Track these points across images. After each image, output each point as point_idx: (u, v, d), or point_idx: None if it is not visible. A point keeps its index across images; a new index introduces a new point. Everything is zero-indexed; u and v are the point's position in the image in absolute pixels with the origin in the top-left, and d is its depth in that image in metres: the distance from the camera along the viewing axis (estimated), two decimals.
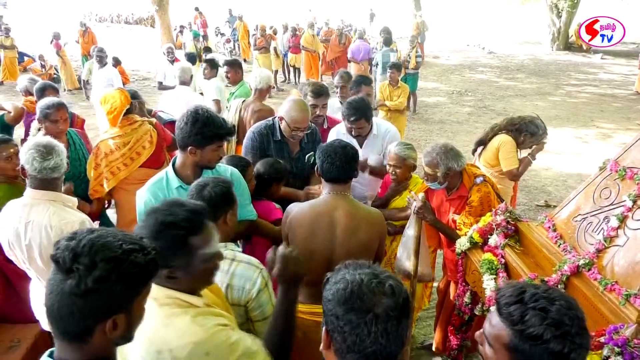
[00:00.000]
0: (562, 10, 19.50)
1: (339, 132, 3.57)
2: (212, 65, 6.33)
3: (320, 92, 3.62)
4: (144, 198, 2.44)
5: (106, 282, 1.09)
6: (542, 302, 1.26)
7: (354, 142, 3.46)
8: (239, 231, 2.61)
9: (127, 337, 1.21)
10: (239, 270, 1.91)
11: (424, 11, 17.93)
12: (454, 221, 3.07)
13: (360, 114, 3.33)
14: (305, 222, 2.33)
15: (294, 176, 3.33)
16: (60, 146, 2.54)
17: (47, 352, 1.20)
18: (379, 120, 3.72)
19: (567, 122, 10.00)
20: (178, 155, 2.49)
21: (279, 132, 3.26)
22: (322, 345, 1.22)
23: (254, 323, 1.95)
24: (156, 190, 2.44)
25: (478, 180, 3.01)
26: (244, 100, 4.54)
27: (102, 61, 8.00)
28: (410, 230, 2.92)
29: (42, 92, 4.13)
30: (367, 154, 3.52)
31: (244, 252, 2.47)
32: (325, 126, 3.81)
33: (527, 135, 3.84)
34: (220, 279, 1.80)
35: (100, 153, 3.61)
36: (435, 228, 3.15)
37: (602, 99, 11.98)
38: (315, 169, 2.44)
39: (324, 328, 1.21)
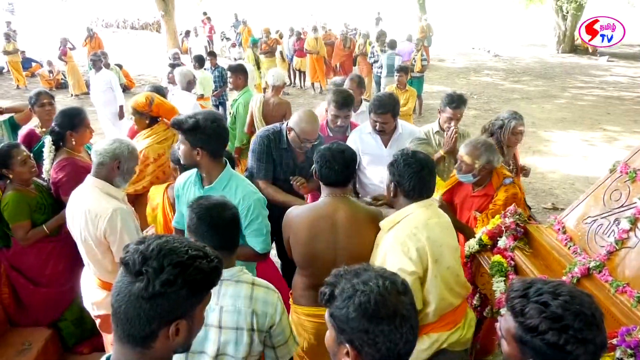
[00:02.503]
0: (567, 12, 19.46)
1: (362, 132, 3.57)
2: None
3: (344, 104, 3.50)
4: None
5: (172, 286, 1.11)
6: (545, 296, 1.30)
7: (379, 142, 3.47)
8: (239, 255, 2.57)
9: (186, 345, 1.22)
10: (261, 295, 1.85)
11: (429, 15, 17.96)
12: (475, 218, 3.04)
13: (388, 108, 3.34)
14: (306, 226, 2.32)
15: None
16: (127, 143, 2.66)
17: (104, 358, 1.21)
18: (404, 122, 3.70)
19: (574, 124, 9.96)
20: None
21: (285, 140, 3.24)
22: None
23: (277, 348, 1.90)
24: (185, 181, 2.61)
25: (507, 180, 3.01)
26: (264, 96, 5.14)
27: (95, 65, 7.98)
28: None
29: (37, 97, 3.97)
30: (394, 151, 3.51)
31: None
32: (348, 133, 3.75)
33: (498, 131, 3.66)
34: (243, 303, 1.79)
35: (147, 159, 3.60)
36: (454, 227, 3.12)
37: (609, 102, 11.91)
38: (314, 172, 2.41)
39: (347, 346, 1.17)
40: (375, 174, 3.53)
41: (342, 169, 2.30)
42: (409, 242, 2.07)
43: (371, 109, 3.40)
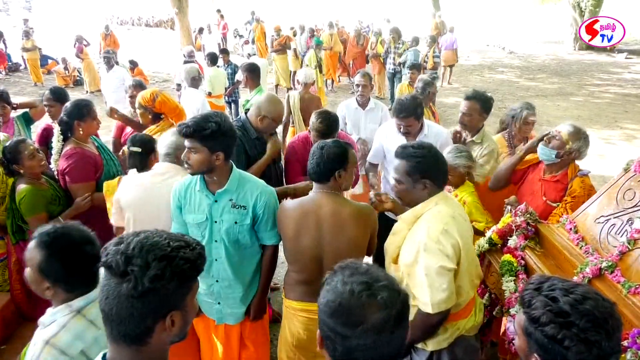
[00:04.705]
0: (585, 9, 19.16)
1: (390, 129, 3.58)
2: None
3: (326, 134, 3.26)
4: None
5: (161, 280, 1.11)
6: (557, 292, 1.28)
7: (403, 141, 3.41)
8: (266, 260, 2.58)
9: (181, 335, 1.23)
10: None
11: (443, 11, 17.80)
12: (546, 203, 2.95)
13: (410, 112, 3.32)
14: (292, 221, 2.33)
15: (275, 164, 3.46)
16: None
17: (101, 355, 1.22)
18: (431, 123, 3.64)
19: (590, 122, 9.80)
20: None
21: (253, 131, 3.28)
22: (317, 344, 1.22)
23: None
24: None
25: (584, 171, 2.93)
26: (299, 93, 5.71)
27: (109, 62, 8.00)
28: None
29: (43, 96, 4.05)
30: None
31: None
32: None
33: (511, 120, 3.67)
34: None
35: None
36: None
37: (627, 99, 11.70)
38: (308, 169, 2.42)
39: (318, 330, 1.20)
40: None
41: (319, 164, 2.28)
42: (443, 239, 2.04)
43: (394, 113, 3.40)
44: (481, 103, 3.47)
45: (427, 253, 2.04)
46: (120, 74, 7.81)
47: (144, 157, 3.00)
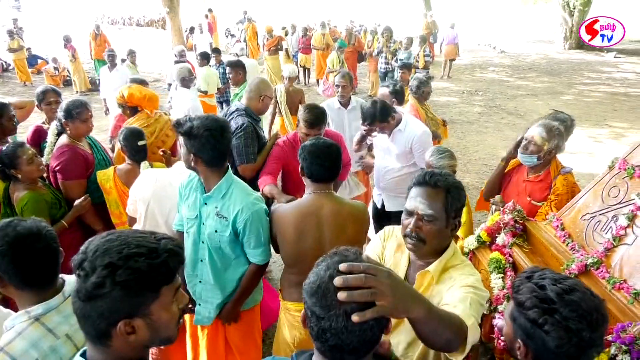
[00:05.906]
0: (574, 8, 19.32)
1: None
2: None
3: (314, 124, 3.28)
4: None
5: (102, 288, 1.06)
6: (546, 281, 1.30)
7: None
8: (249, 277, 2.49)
9: (157, 341, 1.17)
10: None
11: (434, 11, 17.88)
12: (530, 204, 2.95)
13: (372, 119, 3.44)
14: (293, 224, 2.31)
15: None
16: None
17: (80, 352, 1.20)
18: (411, 120, 3.65)
19: (580, 121, 9.81)
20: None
21: (255, 114, 3.59)
22: (301, 321, 1.24)
23: None
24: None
25: (566, 169, 2.91)
26: (284, 86, 6.09)
27: (112, 61, 8.02)
28: None
29: (44, 95, 4.04)
30: (394, 145, 3.59)
31: None
32: None
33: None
34: None
35: None
36: None
37: (615, 98, 11.82)
38: (300, 169, 2.37)
39: (304, 308, 1.22)
40: (380, 161, 3.80)
41: (331, 165, 2.29)
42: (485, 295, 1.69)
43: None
44: (390, 89, 4.59)
45: (477, 290, 1.61)
46: (125, 73, 7.77)
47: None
